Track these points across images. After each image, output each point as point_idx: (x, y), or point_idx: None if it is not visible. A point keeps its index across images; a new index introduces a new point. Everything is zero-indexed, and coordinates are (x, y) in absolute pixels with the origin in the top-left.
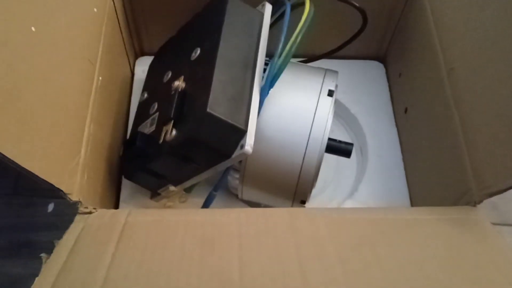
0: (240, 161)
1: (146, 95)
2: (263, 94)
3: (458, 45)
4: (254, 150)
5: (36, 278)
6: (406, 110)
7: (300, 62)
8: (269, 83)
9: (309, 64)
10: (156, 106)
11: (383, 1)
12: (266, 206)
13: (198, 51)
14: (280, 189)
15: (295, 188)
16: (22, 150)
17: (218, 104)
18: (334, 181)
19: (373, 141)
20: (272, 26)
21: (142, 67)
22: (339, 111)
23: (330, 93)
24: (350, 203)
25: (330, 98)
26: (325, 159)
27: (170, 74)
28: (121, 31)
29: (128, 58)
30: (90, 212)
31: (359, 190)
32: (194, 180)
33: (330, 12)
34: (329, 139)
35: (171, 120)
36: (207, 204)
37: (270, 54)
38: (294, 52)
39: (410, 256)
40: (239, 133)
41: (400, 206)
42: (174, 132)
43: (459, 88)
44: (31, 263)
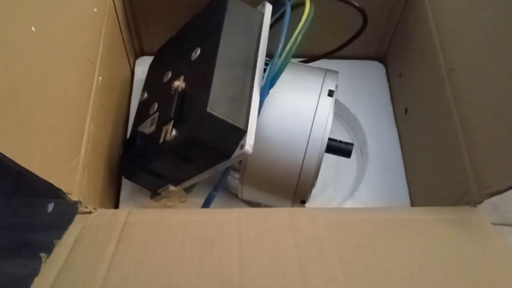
0: (240, 161)
1: (146, 95)
2: (263, 94)
3: (458, 45)
4: (254, 150)
5: (36, 277)
6: (406, 110)
7: (300, 62)
8: (269, 83)
9: (309, 64)
10: (156, 106)
11: (383, 1)
12: (266, 206)
13: (198, 51)
14: (280, 189)
15: (295, 188)
16: (22, 149)
17: (218, 104)
18: (334, 181)
19: (373, 141)
20: (272, 26)
21: (142, 67)
22: (339, 111)
23: (330, 93)
24: (350, 203)
25: (330, 98)
26: (325, 159)
27: (170, 74)
28: (121, 31)
29: (128, 58)
30: (90, 212)
31: (359, 190)
32: (194, 180)
33: (330, 12)
34: (329, 139)
35: (171, 120)
36: (207, 204)
37: (270, 54)
38: (294, 52)
39: (410, 256)
40: (239, 133)
41: (400, 206)
42: (174, 132)
43: (459, 88)
44: (30, 263)
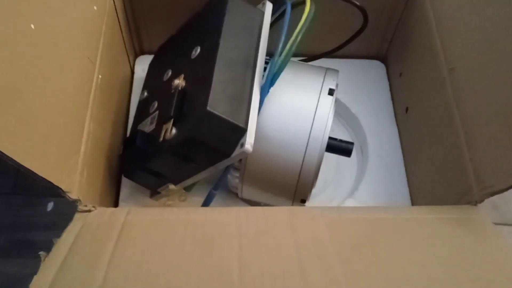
0: (240, 160)
1: (146, 93)
2: (264, 93)
3: (459, 44)
4: (254, 149)
5: (35, 276)
6: (407, 110)
7: (301, 61)
8: (269, 82)
9: (309, 63)
10: (156, 104)
11: (384, 0)
12: (266, 205)
13: (198, 50)
14: (280, 188)
15: (295, 187)
16: (21, 148)
17: (218, 103)
18: (334, 180)
19: (373, 140)
20: (272, 25)
21: (142, 65)
22: (340, 111)
23: (331, 92)
24: (350, 203)
25: (330, 97)
26: (325, 158)
27: (170, 73)
28: (121, 30)
29: (128, 56)
30: (89, 211)
31: (360, 189)
32: (194, 179)
33: (330, 11)
34: (329, 138)
35: (171, 118)
36: (207, 203)
37: (270, 53)
38: (294, 51)
39: (410, 256)
40: (239, 131)
41: (401, 206)
42: (174, 130)
43: (460, 88)
44: (30, 262)
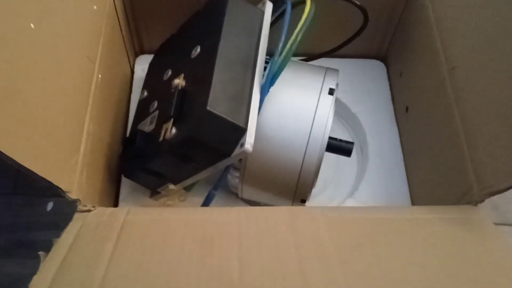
0: (240, 159)
1: (146, 93)
2: (264, 92)
3: (459, 44)
4: (254, 149)
5: (34, 276)
6: (407, 110)
7: (301, 60)
8: (269, 81)
9: (309, 62)
10: (156, 104)
11: (384, 0)
12: (266, 205)
13: (198, 49)
14: (280, 188)
15: (295, 187)
16: (21, 148)
17: (218, 102)
18: (334, 180)
19: (373, 140)
20: (272, 25)
21: (142, 65)
22: (340, 110)
23: (331, 91)
24: (350, 203)
25: (330, 96)
26: (325, 158)
27: (170, 72)
28: (121, 29)
29: (128, 56)
30: (89, 210)
31: (360, 189)
32: (194, 179)
33: (331, 11)
34: (329, 138)
35: (171, 118)
36: (206, 203)
37: (270, 53)
38: (294, 50)
39: (410, 256)
40: (239, 131)
41: (401, 206)
42: (174, 130)
43: (460, 88)
44: (30, 262)
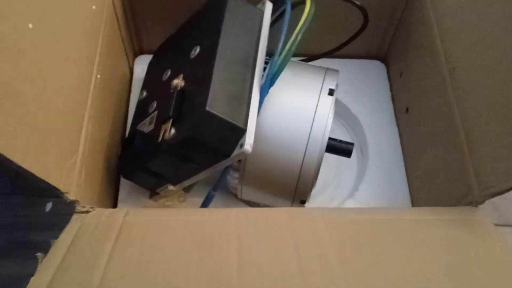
0: (239, 160)
1: (145, 93)
2: (263, 93)
3: (459, 44)
4: (254, 150)
5: (32, 278)
6: (407, 110)
7: (301, 61)
8: (269, 81)
9: (309, 63)
10: (155, 104)
11: (384, 0)
12: (265, 206)
13: (198, 49)
14: (280, 189)
15: (295, 188)
16: (19, 148)
17: (217, 103)
18: (334, 181)
19: (373, 140)
20: (272, 25)
21: (141, 65)
22: (340, 111)
23: (331, 92)
24: (350, 203)
25: (330, 97)
26: (325, 159)
27: (169, 73)
28: (120, 29)
29: (127, 56)
30: (88, 211)
31: (360, 190)
32: (193, 180)
33: (331, 11)
34: (329, 138)
35: (170, 118)
36: (206, 203)
37: (270, 53)
38: (294, 50)
39: (410, 257)
40: (239, 132)
41: (401, 207)
42: (173, 130)
43: (460, 88)
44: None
